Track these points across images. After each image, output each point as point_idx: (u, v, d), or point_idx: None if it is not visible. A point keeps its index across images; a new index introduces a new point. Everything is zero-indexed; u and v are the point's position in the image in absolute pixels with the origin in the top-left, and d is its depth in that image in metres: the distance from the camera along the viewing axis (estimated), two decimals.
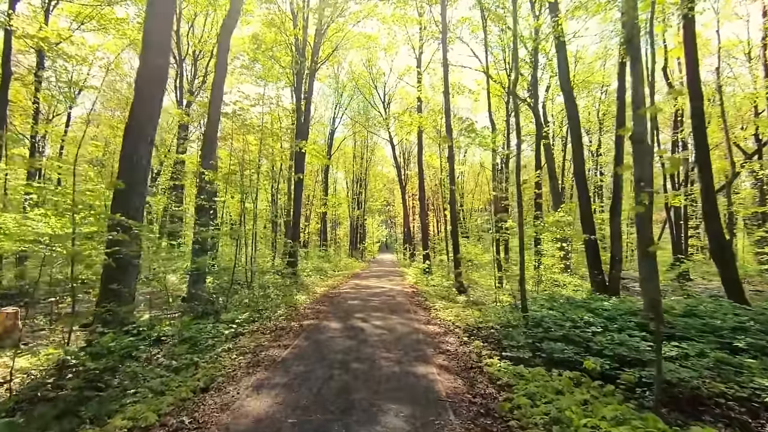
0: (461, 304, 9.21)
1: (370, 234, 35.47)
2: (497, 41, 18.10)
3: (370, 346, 5.44)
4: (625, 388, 4.07)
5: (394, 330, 6.40)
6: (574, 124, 10.85)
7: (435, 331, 6.42)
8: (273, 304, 8.76)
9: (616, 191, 10.79)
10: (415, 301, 9.76)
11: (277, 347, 5.43)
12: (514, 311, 7.11)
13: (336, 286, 12.90)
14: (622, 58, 10.68)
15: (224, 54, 9.56)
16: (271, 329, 6.53)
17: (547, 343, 4.95)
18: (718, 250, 8.05)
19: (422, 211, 19.06)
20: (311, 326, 6.70)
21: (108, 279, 5.53)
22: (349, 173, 31.43)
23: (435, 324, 6.96)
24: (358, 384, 4.00)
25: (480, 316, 7.10)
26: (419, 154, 18.81)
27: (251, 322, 7.01)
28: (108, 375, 3.88)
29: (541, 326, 5.68)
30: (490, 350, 5.18)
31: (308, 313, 8.06)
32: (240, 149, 16.52)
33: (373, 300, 9.61)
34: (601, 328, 5.59)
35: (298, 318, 7.48)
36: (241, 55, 19.41)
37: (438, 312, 8.04)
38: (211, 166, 8.89)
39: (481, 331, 6.18)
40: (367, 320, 7.16)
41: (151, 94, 6.06)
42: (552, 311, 6.84)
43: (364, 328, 6.51)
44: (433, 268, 16.55)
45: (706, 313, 6.56)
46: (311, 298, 10.08)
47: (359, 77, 23.18)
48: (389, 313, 7.95)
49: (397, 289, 12.05)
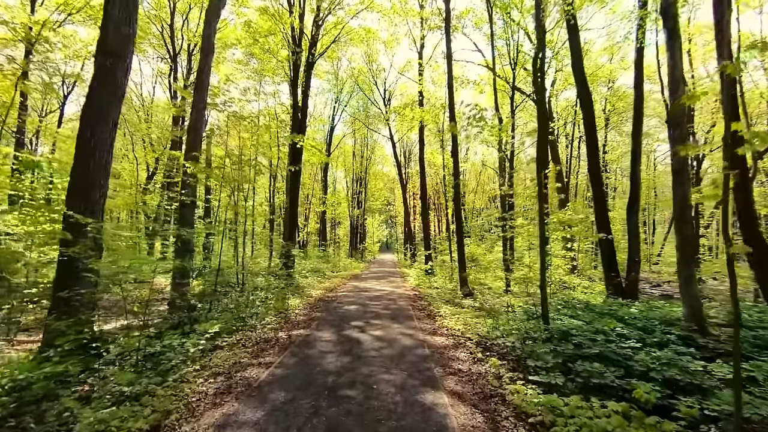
0: (469, 309, 8.28)
1: (370, 234, 34.53)
2: (501, 34, 17.24)
3: (367, 364, 4.52)
4: (686, 424, 3.16)
5: (395, 342, 5.48)
6: (589, 113, 9.92)
7: (443, 343, 5.50)
8: (262, 310, 7.84)
9: (633, 187, 9.84)
10: (418, 305, 8.84)
11: (257, 366, 4.51)
12: (531, 320, 6.19)
13: (333, 288, 11.97)
14: (640, 43, 9.75)
15: (211, 37, 8.65)
16: (255, 341, 5.61)
17: (582, 364, 4.02)
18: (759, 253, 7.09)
19: (424, 209, 18.12)
20: (301, 337, 5.78)
21: (57, 285, 4.62)
22: (349, 172, 30.50)
23: (442, 334, 6.04)
24: (350, 422, 3.08)
25: (493, 325, 6.17)
26: (421, 151, 17.87)
27: (233, 332, 6.10)
28: (27, 415, 2.95)
29: (569, 340, 4.75)
30: (510, 371, 4.26)
31: (300, 320, 7.13)
32: (235, 146, 15.64)
33: (373, 305, 8.69)
34: (638, 342, 4.68)
35: (287, 327, 6.56)
36: (236, 50, 18.56)
37: (444, 319, 7.11)
38: (195, 158, 8.00)
39: (497, 344, 5.25)
40: (364, 329, 6.24)
41: (115, 70, 5.14)
42: (575, 320, 5.92)
43: (362, 340, 5.58)
44: (435, 269, 15.62)
45: (753, 323, 5.64)
46: (305, 302, 9.16)
47: (359, 74, 22.27)
48: (390, 320, 7.03)
49: (399, 292, 11.12)
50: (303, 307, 8.45)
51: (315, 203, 27.33)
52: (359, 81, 22.65)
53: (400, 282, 13.83)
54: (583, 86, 9.97)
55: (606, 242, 9.39)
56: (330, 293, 10.79)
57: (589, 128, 9.92)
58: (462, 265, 10.85)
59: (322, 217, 26.51)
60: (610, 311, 6.43)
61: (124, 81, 5.35)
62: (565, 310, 7.07)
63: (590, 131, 9.93)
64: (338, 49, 21.83)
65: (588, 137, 10.05)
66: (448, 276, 13.90)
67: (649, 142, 25.22)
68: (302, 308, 8.37)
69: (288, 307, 8.29)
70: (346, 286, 12.43)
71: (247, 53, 17.97)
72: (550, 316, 6.59)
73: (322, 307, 8.43)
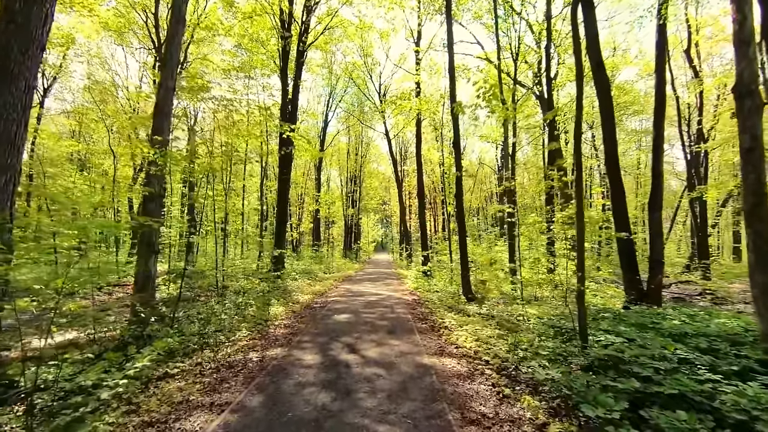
0: (476, 318, 7.05)
1: (365, 233, 33.21)
2: (501, 25, 16.12)
3: (357, 405, 3.26)
4: None
5: (394, 368, 4.22)
6: (606, 99, 8.74)
7: (454, 369, 4.25)
8: (237, 321, 6.54)
9: (655, 181, 8.68)
10: (419, 313, 7.59)
11: (207, 409, 3.23)
12: (560, 336, 4.99)
13: (324, 292, 10.68)
14: (662, 19, 8.62)
15: (181, 5, 7.34)
16: (217, 366, 4.31)
17: (656, 411, 2.80)
18: None
19: (421, 207, 16.89)
20: (276, 360, 4.49)
21: None
22: (344, 170, 29.15)
23: (451, 354, 4.79)
24: None
25: (512, 341, 4.95)
26: (418, 145, 16.63)
27: (194, 352, 4.80)
28: None
29: (623, 368, 3.54)
30: (554, 416, 3.02)
31: (279, 334, 5.84)
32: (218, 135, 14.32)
33: (367, 313, 7.41)
34: (709, 370, 3.48)
35: (262, 344, 5.27)
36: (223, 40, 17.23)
37: (451, 333, 5.87)
38: (162, 145, 6.70)
39: (524, 372, 4.01)
40: (356, 348, 4.98)
41: (28, 15, 3.83)
42: (612, 334, 4.71)
43: (351, 365, 4.31)
44: (433, 271, 14.38)
45: None
46: (290, 309, 7.86)
47: (353, 68, 20.99)
48: (387, 334, 5.77)
49: (396, 296, 9.86)
50: (286, 316, 7.16)
51: (308, 202, 25.99)
52: (354, 76, 21.38)
53: (396, 285, 12.58)
54: (599, 68, 8.79)
55: (626, 242, 8.24)
56: (319, 298, 9.50)
57: (607, 116, 8.74)
58: (465, 266, 9.63)
59: (316, 217, 25.16)
60: (652, 324, 5.23)
61: (42, 33, 4.02)
62: (592, 321, 5.87)
63: (608, 120, 8.75)
64: (332, 41, 20.54)
65: (605, 127, 8.85)
66: (447, 278, 12.68)
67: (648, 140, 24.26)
68: (285, 317, 7.08)
69: (269, 316, 6.99)
70: (338, 290, 11.14)
71: (237, 44, 16.68)
72: (563, 323, 5.39)
73: (308, 317, 7.15)
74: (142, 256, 6.78)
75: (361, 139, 28.54)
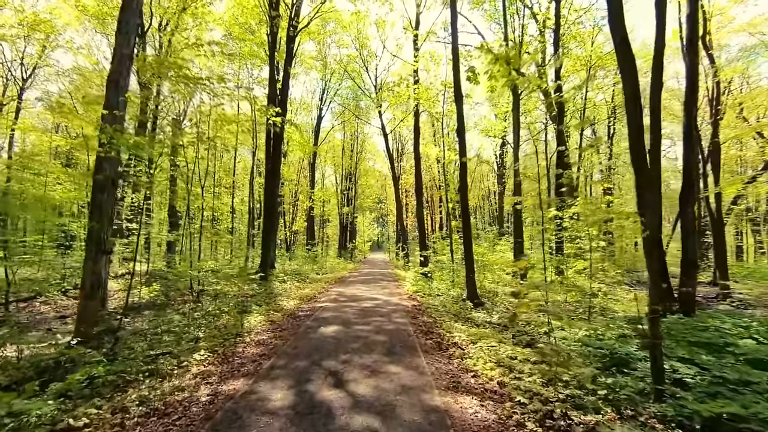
0: (488, 329, 5.81)
1: (361, 232, 31.85)
2: (501, 17, 14.95)
3: None
4: None
5: (394, 416, 2.94)
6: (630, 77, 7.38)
7: (477, 416, 2.98)
8: (205, 334, 5.24)
9: (687, 172, 7.47)
10: (421, 324, 6.31)
11: None
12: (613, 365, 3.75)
13: (313, 296, 9.37)
14: None
15: None
16: (147, 412, 3.01)
17: None
18: None
19: (419, 205, 15.63)
20: (231, 401, 3.20)
21: None
22: (338, 168, 27.80)
23: (470, 390, 3.52)
24: None
25: (548, 370, 3.69)
26: (416, 138, 15.36)
27: (126, 386, 3.50)
28: None
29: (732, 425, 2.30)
30: None
31: (248, 355, 4.53)
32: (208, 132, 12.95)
33: (360, 325, 6.12)
34: None
35: (221, 372, 3.96)
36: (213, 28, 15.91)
37: (464, 352, 4.61)
38: (117, 122, 5.41)
39: (575, 419, 2.75)
40: (343, 380, 3.69)
41: None
42: (684, 363, 3.49)
43: (335, 410, 3.03)
44: (433, 272, 13.13)
45: None
46: (270, 318, 6.55)
47: (349, 60, 19.70)
48: (384, 355, 4.48)
49: (393, 302, 8.57)
50: (263, 329, 5.84)
51: (302, 199, 24.63)
52: (349, 69, 20.07)
53: (394, 287, 11.30)
54: (623, 44, 7.41)
55: (653, 242, 7.01)
56: (307, 304, 8.19)
57: (633, 99, 7.26)
58: (470, 267, 8.37)
59: (310, 215, 23.81)
60: (722, 342, 4.01)
61: None
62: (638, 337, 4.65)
63: (633, 103, 7.31)
64: (325, 33, 19.26)
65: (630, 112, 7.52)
66: (449, 280, 11.44)
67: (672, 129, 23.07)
68: (262, 330, 5.77)
69: (241, 329, 5.68)
70: (329, 294, 9.83)
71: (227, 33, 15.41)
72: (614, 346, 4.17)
73: (289, 329, 5.84)
74: (90, 257, 5.46)
75: (356, 135, 27.20)
